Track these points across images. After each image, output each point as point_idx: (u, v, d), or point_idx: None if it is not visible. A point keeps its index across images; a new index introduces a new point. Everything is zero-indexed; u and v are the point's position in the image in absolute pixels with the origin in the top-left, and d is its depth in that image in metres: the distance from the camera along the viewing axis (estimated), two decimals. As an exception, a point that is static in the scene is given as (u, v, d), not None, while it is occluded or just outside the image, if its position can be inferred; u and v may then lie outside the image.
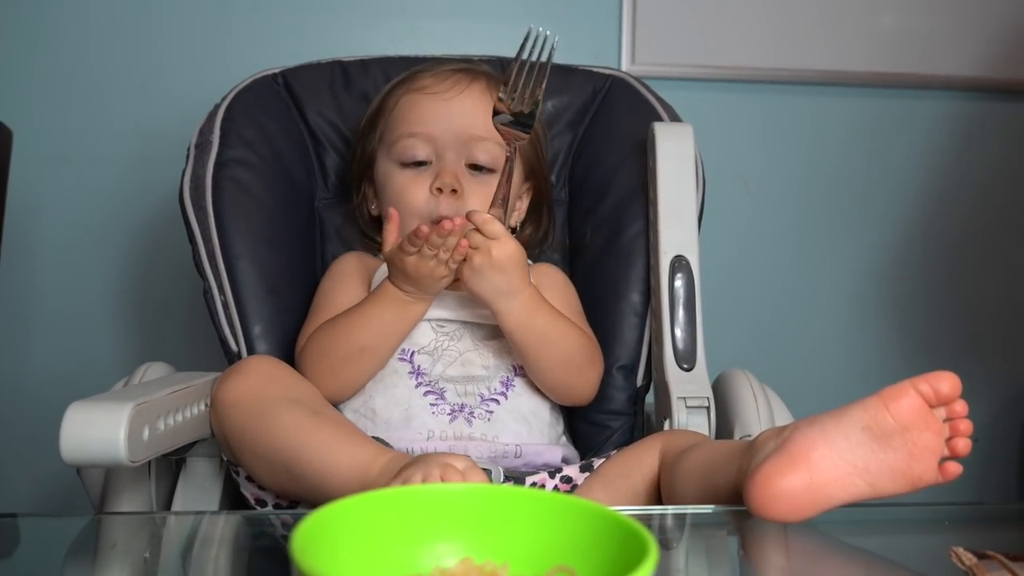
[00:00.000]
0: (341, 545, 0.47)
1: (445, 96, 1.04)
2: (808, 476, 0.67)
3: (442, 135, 1.02)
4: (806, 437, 0.68)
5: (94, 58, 1.50)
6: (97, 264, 1.54)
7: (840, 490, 0.68)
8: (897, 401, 0.67)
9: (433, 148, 1.02)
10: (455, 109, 1.03)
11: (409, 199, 1.02)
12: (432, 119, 1.03)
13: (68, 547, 0.71)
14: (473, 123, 1.02)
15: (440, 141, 1.02)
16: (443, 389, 0.96)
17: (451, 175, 1.00)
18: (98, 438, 0.74)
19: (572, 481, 0.91)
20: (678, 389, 1.00)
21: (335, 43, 1.25)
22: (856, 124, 1.65)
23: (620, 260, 1.11)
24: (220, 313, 1.02)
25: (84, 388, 0.99)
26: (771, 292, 1.67)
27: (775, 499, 0.67)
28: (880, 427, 0.67)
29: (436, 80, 1.06)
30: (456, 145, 1.02)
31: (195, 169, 1.06)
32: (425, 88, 1.05)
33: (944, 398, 0.67)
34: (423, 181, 1.02)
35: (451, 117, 1.03)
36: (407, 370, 0.97)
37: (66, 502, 1.48)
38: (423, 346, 0.99)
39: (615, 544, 0.47)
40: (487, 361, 0.99)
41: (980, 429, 1.84)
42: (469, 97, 1.04)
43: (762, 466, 0.68)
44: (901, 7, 1.61)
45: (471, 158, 1.02)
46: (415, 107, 1.04)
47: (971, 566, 0.60)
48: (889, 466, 0.67)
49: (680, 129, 1.11)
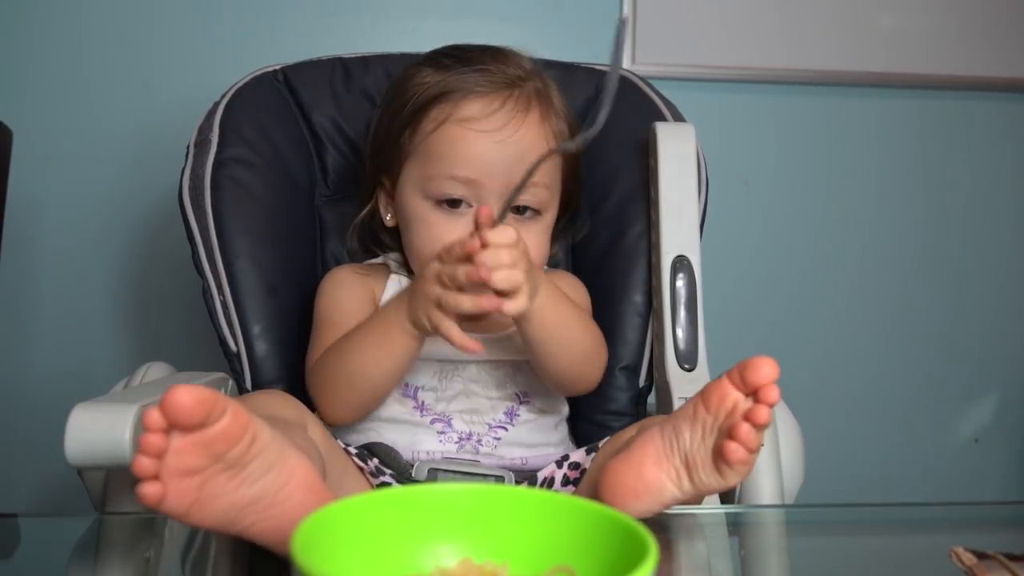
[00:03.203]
0: (341, 545, 0.48)
1: (497, 137, 0.90)
2: (639, 471, 0.69)
3: (487, 181, 0.91)
4: (648, 433, 0.70)
5: (94, 57, 1.50)
6: (97, 264, 1.54)
7: (669, 482, 0.69)
8: (709, 392, 0.67)
9: (475, 192, 0.91)
10: (508, 153, 0.91)
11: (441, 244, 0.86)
12: (479, 163, 0.90)
13: (68, 547, 0.71)
14: (525, 167, 0.87)
15: (484, 188, 0.91)
16: (450, 418, 0.95)
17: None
18: (103, 439, 0.74)
19: (580, 466, 0.91)
20: (679, 389, 1.00)
21: (336, 42, 1.25)
22: (856, 124, 1.65)
23: (622, 260, 1.11)
24: (219, 313, 1.02)
25: (84, 388, 0.99)
26: (771, 292, 1.67)
27: (613, 493, 0.68)
28: (688, 418, 0.68)
29: (485, 108, 0.91)
30: (503, 192, 0.90)
31: (194, 168, 1.05)
32: (472, 121, 0.91)
33: (751, 386, 0.65)
34: (460, 225, 0.91)
35: (500, 162, 0.90)
36: (412, 405, 0.96)
37: (67, 502, 1.48)
38: (426, 383, 0.96)
39: (615, 544, 0.47)
40: (491, 392, 0.97)
41: (980, 429, 1.86)
42: (524, 137, 0.91)
43: (608, 462, 0.71)
44: (901, 7, 1.61)
45: (517, 202, 0.92)
46: (459, 144, 0.91)
47: (971, 566, 0.60)
48: (709, 456, 0.67)
49: (682, 129, 1.11)
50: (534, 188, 0.92)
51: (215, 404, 0.54)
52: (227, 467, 0.56)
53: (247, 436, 0.56)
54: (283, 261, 1.06)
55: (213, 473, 0.56)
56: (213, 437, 0.55)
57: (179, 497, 0.55)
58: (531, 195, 0.93)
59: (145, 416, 0.54)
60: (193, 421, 0.54)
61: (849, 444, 1.68)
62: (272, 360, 1.02)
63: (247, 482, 0.57)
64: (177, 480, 0.55)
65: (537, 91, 0.95)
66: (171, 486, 0.55)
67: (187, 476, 0.55)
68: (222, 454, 0.55)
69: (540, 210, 0.95)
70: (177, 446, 0.54)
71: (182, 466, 0.55)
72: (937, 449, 1.73)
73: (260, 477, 0.58)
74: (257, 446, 0.57)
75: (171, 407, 0.53)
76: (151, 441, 0.54)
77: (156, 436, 0.54)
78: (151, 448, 0.54)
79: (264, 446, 0.58)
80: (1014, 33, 1.63)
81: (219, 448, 0.55)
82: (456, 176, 0.91)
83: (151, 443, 0.54)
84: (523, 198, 0.93)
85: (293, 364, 1.03)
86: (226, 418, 0.55)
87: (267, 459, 0.58)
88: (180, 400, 0.53)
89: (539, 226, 0.96)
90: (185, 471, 0.55)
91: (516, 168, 0.89)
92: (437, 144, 0.92)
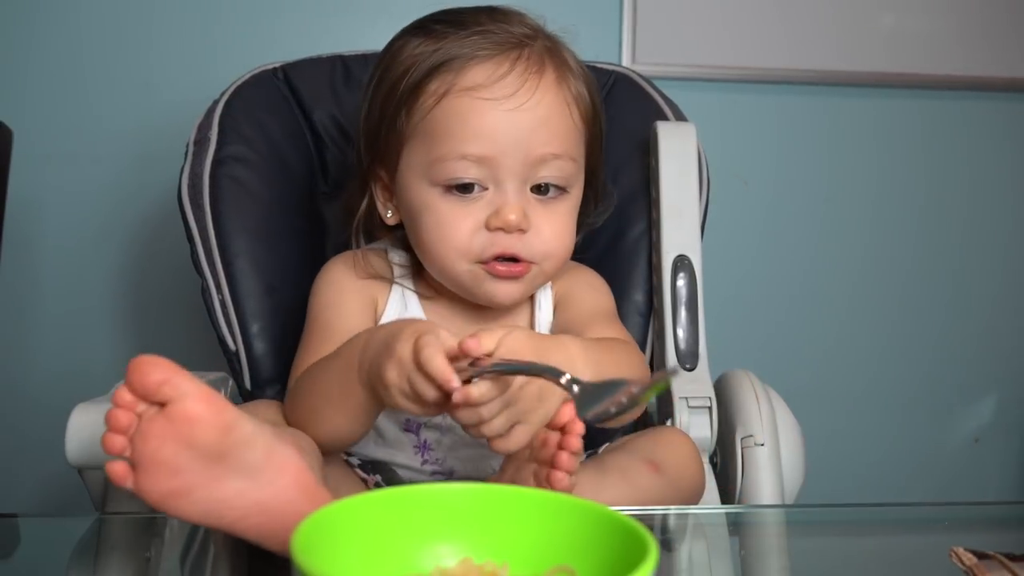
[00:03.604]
0: (341, 545, 0.47)
1: (509, 104, 0.78)
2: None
3: (503, 158, 0.79)
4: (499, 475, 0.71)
5: (94, 57, 1.49)
6: (97, 263, 1.54)
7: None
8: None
9: (490, 172, 0.79)
10: (524, 122, 0.78)
11: (457, 238, 0.80)
12: (491, 136, 0.78)
13: (68, 547, 0.71)
14: (548, 138, 0.79)
15: (501, 166, 0.79)
16: (452, 469, 0.88)
17: (518, 212, 0.79)
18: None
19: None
20: (680, 389, 1.00)
21: (336, 41, 1.24)
22: (856, 124, 1.65)
23: (623, 259, 1.10)
24: (218, 312, 1.02)
25: (84, 387, 0.99)
26: (772, 292, 1.67)
27: None
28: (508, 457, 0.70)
29: (493, 73, 0.79)
30: (521, 169, 0.79)
31: (193, 167, 1.05)
32: (479, 89, 0.78)
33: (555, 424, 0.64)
34: (474, 213, 0.80)
35: (519, 133, 0.78)
36: (412, 443, 0.88)
37: (67, 502, 1.48)
38: (430, 420, 0.86)
39: (615, 544, 0.47)
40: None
41: (980, 429, 1.86)
42: (543, 101, 0.79)
43: None
44: (901, 7, 1.61)
45: (538, 179, 0.81)
46: (467, 117, 0.78)
47: (971, 566, 0.60)
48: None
49: (683, 128, 1.11)
50: (556, 160, 0.80)
51: (171, 372, 0.54)
52: (200, 456, 0.54)
53: (218, 422, 0.55)
54: (282, 260, 1.06)
55: (186, 461, 0.54)
56: (176, 417, 0.54)
57: (152, 484, 0.54)
58: (555, 169, 0.81)
59: (114, 394, 0.55)
60: (146, 382, 0.53)
61: (849, 444, 1.68)
62: (271, 359, 1.02)
63: (228, 473, 0.55)
64: (149, 467, 0.54)
65: (548, 49, 0.83)
66: (143, 472, 0.54)
67: (156, 464, 0.54)
68: (190, 440, 0.54)
69: (565, 187, 0.83)
70: (145, 429, 0.54)
71: (152, 452, 0.54)
72: (937, 449, 1.73)
73: (242, 470, 0.56)
74: (234, 436, 0.55)
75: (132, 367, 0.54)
76: (115, 416, 0.54)
77: (121, 412, 0.54)
78: (116, 423, 0.54)
79: (244, 438, 0.56)
80: (1013, 33, 1.63)
81: (184, 431, 0.54)
82: (467, 155, 0.78)
83: (115, 417, 0.54)
84: (544, 174, 0.80)
85: (292, 363, 1.03)
86: (189, 399, 0.54)
87: (251, 452, 0.56)
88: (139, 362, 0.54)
89: (565, 206, 0.84)
90: (152, 457, 0.54)
91: (535, 139, 0.79)
92: (441, 120, 0.80)
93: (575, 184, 0.85)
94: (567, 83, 0.82)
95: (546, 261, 0.83)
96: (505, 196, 0.80)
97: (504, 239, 0.80)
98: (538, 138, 0.79)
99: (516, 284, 0.83)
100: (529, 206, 0.81)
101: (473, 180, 0.80)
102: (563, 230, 0.83)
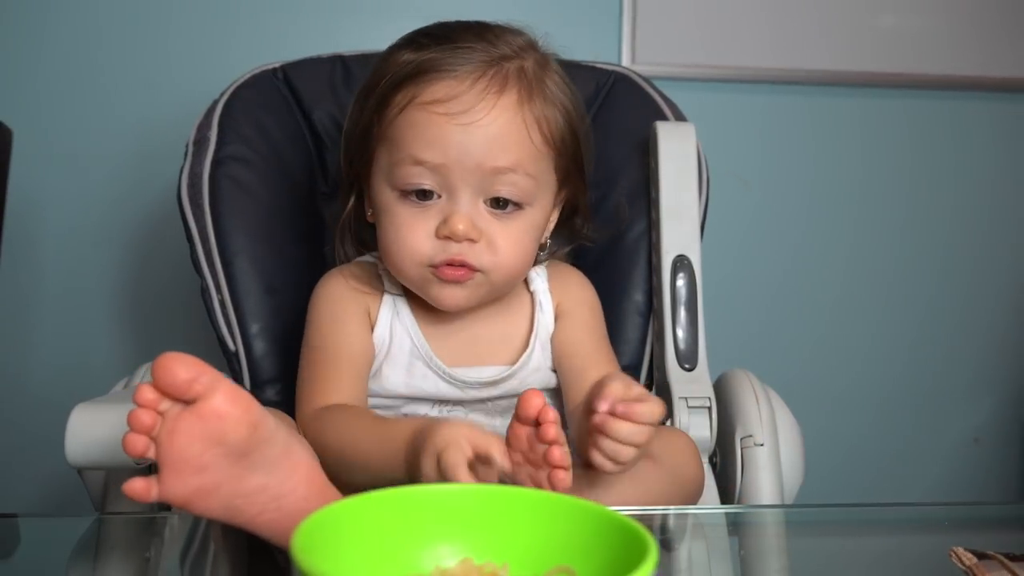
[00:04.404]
0: (341, 545, 0.48)
1: (462, 120, 0.80)
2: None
3: (455, 167, 0.81)
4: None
5: (94, 57, 1.49)
6: (97, 263, 1.54)
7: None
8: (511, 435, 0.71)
9: (443, 180, 0.82)
10: (476, 137, 0.81)
11: (410, 242, 0.83)
12: (443, 147, 0.81)
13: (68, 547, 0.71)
14: (499, 153, 0.81)
15: (453, 174, 0.81)
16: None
17: (465, 221, 0.81)
18: (104, 440, 0.74)
19: None
20: (679, 389, 1.00)
21: (336, 41, 1.25)
22: (856, 124, 1.65)
23: (623, 260, 1.10)
24: (218, 312, 1.02)
25: (84, 387, 0.99)
26: (772, 292, 1.67)
27: None
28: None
29: (453, 89, 0.81)
30: (474, 181, 0.82)
31: (193, 167, 1.05)
32: (437, 104, 0.81)
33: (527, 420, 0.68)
34: (428, 219, 0.83)
35: (468, 147, 0.81)
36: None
37: (67, 502, 1.48)
38: (427, 412, 0.91)
39: (615, 544, 0.47)
40: (495, 420, 0.92)
41: (980, 429, 1.86)
42: (496, 120, 0.81)
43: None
44: (900, 7, 1.61)
45: (493, 192, 0.83)
46: (424, 128, 0.81)
47: (971, 566, 0.60)
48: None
49: (682, 129, 1.11)
50: (511, 175, 0.82)
51: (203, 371, 0.53)
52: (228, 453, 0.54)
53: (247, 419, 0.55)
54: (282, 260, 1.06)
55: (213, 458, 0.54)
56: (207, 415, 0.53)
57: (178, 484, 0.54)
58: (509, 184, 0.83)
59: (136, 392, 0.53)
60: (176, 381, 0.52)
61: (849, 444, 1.68)
62: (270, 359, 1.02)
63: (250, 470, 0.55)
64: (176, 465, 0.53)
65: (520, 71, 0.84)
66: (169, 471, 0.53)
67: (184, 461, 0.53)
68: (220, 437, 0.54)
69: (522, 203, 0.84)
70: (172, 427, 0.53)
71: (181, 450, 0.53)
72: (937, 449, 1.73)
73: (263, 466, 0.56)
74: (260, 433, 0.55)
75: (160, 367, 0.52)
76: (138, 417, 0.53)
77: (144, 412, 0.53)
78: (139, 423, 0.53)
79: (268, 435, 0.56)
80: (1004, 33, 1.63)
81: (215, 428, 0.53)
82: (421, 161, 0.81)
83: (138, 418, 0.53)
84: (499, 187, 0.83)
85: (292, 363, 1.03)
86: (219, 396, 0.53)
87: (271, 449, 0.56)
88: (167, 361, 0.53)
89: (521, 222, 0.85)
90: (181, 455, 0.53)
91: (487, 153, 0.81)
92: (401, 128, 0.83)
93: (535, 202, 0.86)
94: (531, 106, 0.84)
95: (494, 272, 0.85)
96: (456, 205, 0.82)
97: (454, 247, 0.82)
98: (490, 152, 0.81)
99: (460, 289, 0.85)
100: (483, 219, 0.83)
101: (428, 187, 0.82)
102: (517, 245, 0.85)
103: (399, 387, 0.89)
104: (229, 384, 0.54)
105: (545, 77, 0.87)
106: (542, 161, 0.86)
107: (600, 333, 0.96)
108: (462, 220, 0.81)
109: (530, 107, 0.84)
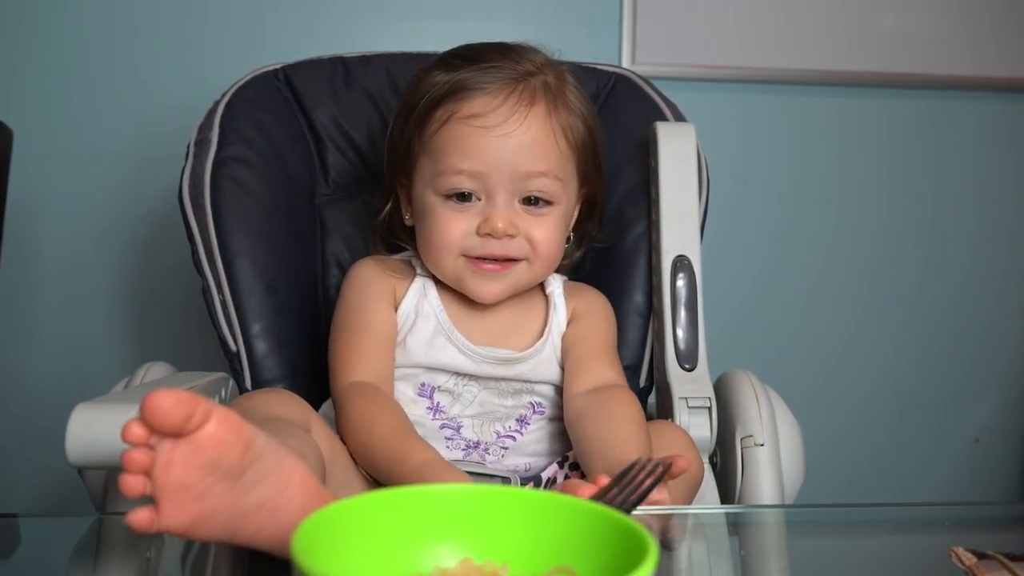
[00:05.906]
0: (341, 545, 0.48)
1: (498, 132, 0.91)
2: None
3: (493, 173, 0.91)
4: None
5: (94, 57, 1.50)
6: (97, 263, 1.54)
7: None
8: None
9: (482, 185, 0.92)
10: (510, 146, 0.91)
11: (451, 235, 0.93)
12: (482, 157, 0.91)
13: (68, 547, 0.71)
14: (532, 159, 0.91)
15: (491, 180, 0.91)
16: (460, 425, 0.95)
17: (504, 220, 0.92)
18: (104, 440, 0.74)
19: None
20: (680, 389, 1.00)
21: (336, 42, 1.25)
22: (856, 124, 1.65)
23: (623, 260, 1.11)
24: (219, 312, 1.02)
25: (84, 387, 0.99)
26: (772, 292, 1.67)
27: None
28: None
29: (488, 104, 0.91)
30: (510, 184, 0.92)
31: (194, 167, 1.05)
32: (475, 118, 0.91)
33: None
34: (468, 218, 0.93)
35: (504, 155, 0.91)
36: (426, 405, 0.95)
37: (67, 502, 1.48)
38: (442, 384, 0.96)
39: (615, 544, 0.47)
40: (506, 401, 0.97)
41: (980, 429, 1.85)
42: (528, 131, 0.91)
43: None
44: (901, 7, 1.61)
45: (527, 192, 0.93)
46: (463, 140, 0.91)
47: (971, 566, 0.60)
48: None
49: (682, 129, 1.11)
50: (542, 178, 0.92)
51: (196, 405, 0.52)
52: (224, 477, 0.54)
53: (240, 441, 0.54)
54: (283, 260, 1.07)
55: (210, 484, 0.54)
56: (203, 443, 0.53)
57: (178, 513, 0.53)
58: (541, 184, 0.93)
59: (124, 430, 0.52)
60: (174, 421, 0.52)
61: (849, 444, 1.69)
62: (272, 359, 1.02)
63: (245, 489, 0.56)
64: (175, 496, 0.53)
65: (545, 85, 0.94)
66: (169, 502, 0.53)
67: (183, 491, 0.53)
68: (216, 462, 0.54)
69: (552, 201, 0.94)
70: (168, 459, 0.53)
71: (179, 481, 0.53)
72: (937, 449, 1.73)
73: (258, 483, 0.56)
74: (252, 452, 0.55)
75: (151, 409, 0.52)
76: (133, 458, 0.52)
77: (138, 452, 0.52)
78: (135, 464, 0.52)
79: (260, 452, 0.56)
80: (1017, 33, 1.63)
81: (211, 455, 0.53)
82: (462, 170, 0.91)
83: (133, 459, 0.52)
84: (532, 188, 0.93)
85: (293, 363, 1.04)
86: (212, 423, 0.53)
87: (264, 465, 0.56)
88: (159, 402, 0.52)
89: (552, 216, 0.95)
90: (180, 485, 0.53)
91: (522, 159, 0.91)
92: (443, 141, 0.93)
93: (562, 199, 0.95)
94: (556, 115, 0.94)
95: (535, 260, 0.94)
96: (495, 207, 0.92)
97: (494, 243, 0.92)
98: (525, 158, 0.91)
99: (496, 283, 0.94)
100: (518, 216, 0.93)
101: (468, 191, 0.92)
102: (551, 235, 0.94)
103: (420, 358, 0.95)
104: (218, 408, 0.54)
105: (565, 89, 0.96)
106: (567, 164, 0.96)
107: (609, 337, 1.01)
108: (501, 218, 0.91)
109: (556, 117, 0.93)
